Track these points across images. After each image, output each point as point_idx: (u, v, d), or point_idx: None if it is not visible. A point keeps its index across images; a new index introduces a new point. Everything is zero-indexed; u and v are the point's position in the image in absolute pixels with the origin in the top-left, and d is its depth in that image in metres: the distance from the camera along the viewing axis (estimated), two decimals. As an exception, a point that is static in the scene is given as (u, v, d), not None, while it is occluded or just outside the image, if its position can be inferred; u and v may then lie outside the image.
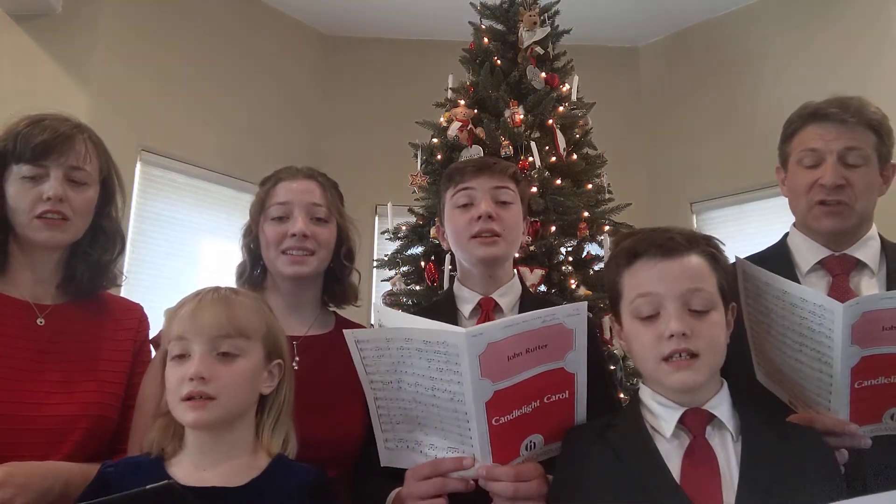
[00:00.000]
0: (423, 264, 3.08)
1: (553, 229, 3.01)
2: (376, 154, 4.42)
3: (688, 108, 4.65)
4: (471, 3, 3.55)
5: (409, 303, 3.04)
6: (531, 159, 3.02)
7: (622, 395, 2.40)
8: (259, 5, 4.52)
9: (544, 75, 3.29)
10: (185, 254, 3.95)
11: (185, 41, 4.10)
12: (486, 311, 1.48)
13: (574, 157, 3.22)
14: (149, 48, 3.91)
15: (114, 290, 1.49)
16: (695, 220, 4.50)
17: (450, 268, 2.83)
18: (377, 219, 4.40)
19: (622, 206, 3.24)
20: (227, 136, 4.16)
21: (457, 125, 3.15)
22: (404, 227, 3.23)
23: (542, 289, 2.88)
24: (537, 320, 1.13)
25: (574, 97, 3.36)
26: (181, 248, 3.94)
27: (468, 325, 1.48)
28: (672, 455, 1.07)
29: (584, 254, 3.16)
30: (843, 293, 1.40)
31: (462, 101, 3.28)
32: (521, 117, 3.12)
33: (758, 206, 4.15)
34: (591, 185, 3.21)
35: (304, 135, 4.59)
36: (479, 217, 1.45)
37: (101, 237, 1.42)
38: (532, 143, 3.08)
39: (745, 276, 1.28)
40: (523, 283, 1.58)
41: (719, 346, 1.11)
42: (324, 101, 4.75)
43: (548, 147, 3.16)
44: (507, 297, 1.50)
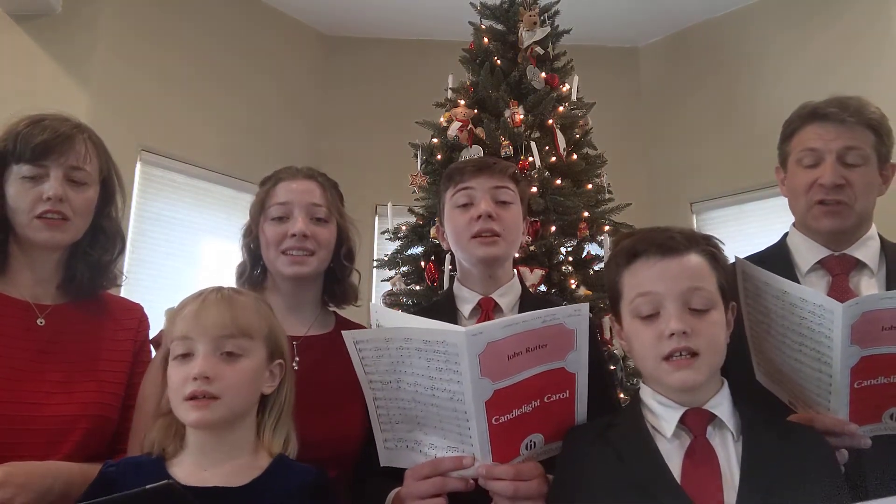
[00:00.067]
0: (423, 264, 3.08)
1: (553, 229, 3.01)
2: (376, 154, 4.42)
3: (688, 108, 4.65)
4: (471, 3, 3.55)
5: (409, 303, 3.04)
6: (531, 159, 3.02)
7: (622, 395, 2.40)
8: (259, 5, 4.52)
9: (544, 75, 3.29)
10: (185, 254, 3.95)
11: (185, 41, 4.10)
12: (486, 311, 1.48)
13: (574, 157, 3.22)
14: (149, 48, 3.91)
15: (114, 290, 1.49)
16: (695, 220, 4.50)
17: (450, 268, 2.83)
18: (377, 219, 4.40)
19: (622, 206, 3.24)
20: (227, 136, 4.16)
21: (457, 125, 3.15)
22: (404, 227, 3.24)
23: (542, 289, 2.88)
24: (537, 320, 1.13)
25: (574, 97, 3.36)
26: (181, 248, 3.94)
27: (468, 324, 1.47)
28: (673, 455, 1.07)
29: (584, 254, 3.16)
30: (843, 293, 1.40)
31: (462, 101, 3.28)
32: (521, 117, 3.12)
33: (758, 206, 4.15)
34: (591, 185, 3.21)
35: (304, 135, 4.59)
36: (478, 217, 1.45)
37: (102, 237, 1.42)
38: (532, 143, 3.08)
39: (744, 276, 1.28)
40: (523, 283, 1.58)
41: (719, 345, 1.11)
42: (324, 101, 4.75)
43: (548, 147, 3.16)
44: (506, 297, 1.50)
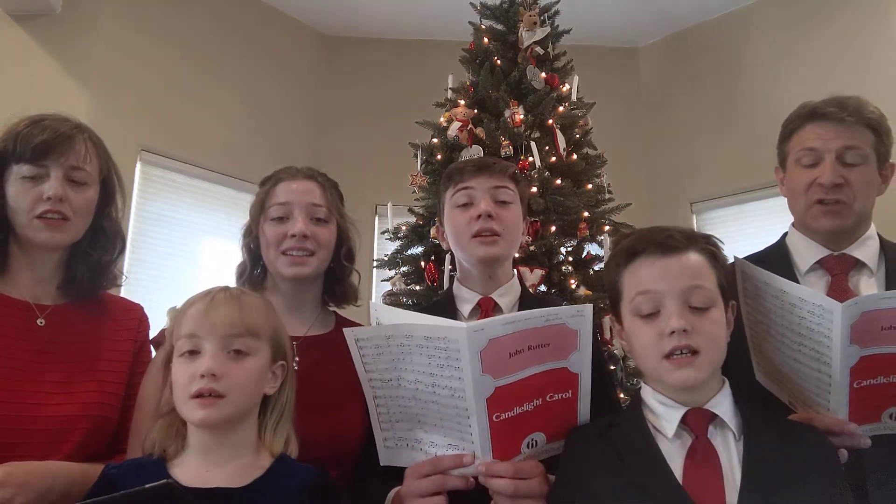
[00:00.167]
0: (423, 264, 3.08)
1: (553, 229, 3.01)
2: (376, 154, 4.42)
3: (688, 108, 4.65)
4: (471, 3, 3.56)
5: (409, 303, 3.04)
6: (531, 159, 3.03)
7: (622, 395, 2.40)
8: (259, 5, 4.52)
9: (544, 75, 3.29)
10: (185, 254, 3.95)
11: (185, 41, 4.10)
12: (486, 311, 1.48)
13: (574, 157, 3.22)
14: (149, 48, 3.91)
15: (114, 290, 1.49)
16: (695, 220, 4.50)
17: (450, 268, 2.83)
18: (377, 219, 4.40)
19: (622, 206, 3.24)
20: (227, 136, 4.16)
21: (457, 125, 3.15)
22: (404, 227, 3.24)
23: (542, 289, 2.89)
24: (540, 318, 1.13)
25: (574, 97, 3.36)
26: (181, 248, 3.94)
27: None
28: (674, 455, 1.07)
29: (584, 254, 3.16)
30: (842, 293, 1.40)
31: (462, 101, 3.28)
32: (521, 117, 3.12)
33: (758, 206, 4.15)
34: (591, 185, 3.21)
35: (305, 135, 4.59)
36: (478, 216, 1.45)
37: (102, 237, 1.42)
38: (532, 143, 3.08)
39: (743, 275, 1.28)
40: (523, 283, 1.58)
41: (720, 344, 1.11)
42: (324, 101, 4.75)
43: (548, 147, 3.16)
44: (506, 297, 1.50)
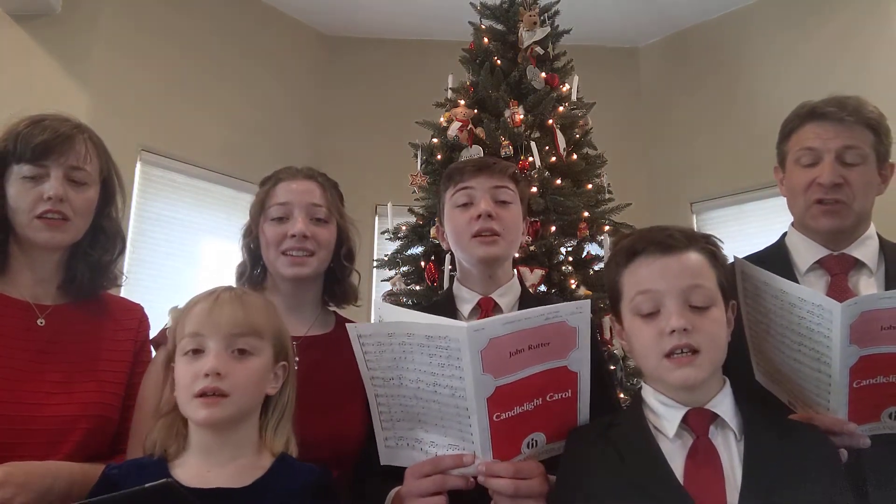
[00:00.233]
0: (423, 264, 3.08)
1: (553, 229, 3.01)
2: (376, 154, 4.42)
3: (688, 108, 4.65)
4: (471, 3, 3.56)
5: (409, 303, 3.04)
6: (531, 159, 3.03)
7: (622, 395, 2.40)
8: (259, 5, 4.52)
9: (544, 75, 3.29)
10: (185, 254, 3.95)
11: (185, 41, 4.10)
12: (486, 312, 1.48)
13: (574, 157, 3.22)
14: (149, 48, 3.91)
15: (114, 290, 1.49)
16: (695, 220, 4.50)
17: (450, 268, 2.83)
18: (377, 219, 4.40)
19: (622, 206, 3.24)
20: (227, 136, 4.16)
21: (457, 125, 3.15)
22: (404, 227, 3.24)
23: (542, 289, 2.89)
24: (540, 317, 1.13)
25: (574, 97, 3.36)
26: (181, 248, 3.94)
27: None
28: (675, 455, 1.07)
29: (584, 254, 3.16)
30: (842, 293, 1.40)
31: (462, 101, 3.28)
32: (521, 117, 3.12)
33: (758, 206, 4.14)
34: (591, 185, 3.21)
35: (305, 135, 4.59)
36: (478, 216, 1.45)
37: (102, 237, 1.43)
38: (532, 143, 3.08)
39: (743, 275, 1.28)
40: (523, 283, 1.58)
41: (720, 343, 1.11)
42: (324, 101, 4.75)
43: (548, 147, 3.16)
44: (506, 297, 1.50)
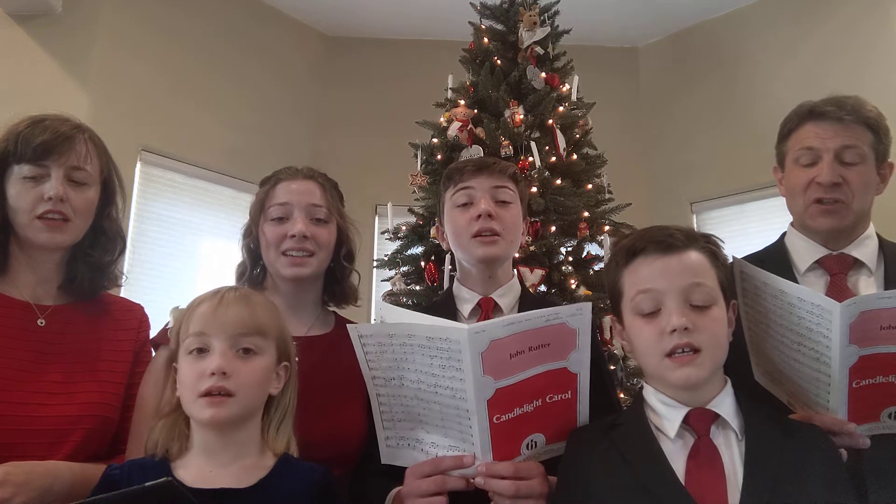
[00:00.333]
0: (423, 264, 3.08)
1: (553, 229, 3.01)
2: (376, 154, 4.41)
3: (688, 108, 4.64)
4: (471, 3, 3.55)
5: (410, 303, 3.04)
6: (531, 159, 3.02)
7: (622, 396, 2.40)
8: (260, 5, 4.52)
9: (544, 75, 3.29)
10: (185, 254, 3.95)
11: (185, 41, 4.10)
12: (486, 312, 1.48)
13: (574, 157, 3.22)
14: (149, 48, 3.91)
15: (114, 290, 1.50)
16: (695, 220, 4.49)
17: (450, 268, 2.83)
18: (377, 219, 4.40)
19: (622, 206, 3.24)
20: (227, 136, 4.16)
21: (457, 125, 3.14)
22: (404, 227, 3.23)
23: (542, 289, 2.88)
24: (540, 319, 1.13)
25: (574, 97, 3.36)
26: (181, 248, 3.94)
27: (469, 324, 1.48)
28: (676, 456, 1.07)
29: (584, 254, 3.15)
30: (841, 292, 1.40)
31: (462, 101, 3.28)
32: (521, 117, 3.12)
33: (758, 206, 4.14)
34: (591, 185, 3.21)
35: (305, 135, 4.59)
36: (478, 216, 1.45)
37: (102, 238, 1.43)
38: (532, 143, 3.08)
39: (742, 275, 1.28)
40: (523, 283, 1.58)
41: (721, 342, 1.11)
42: (324, 101, 4.75)
43: (548, 147, 3.15)
44: (506, 297, 1.50)
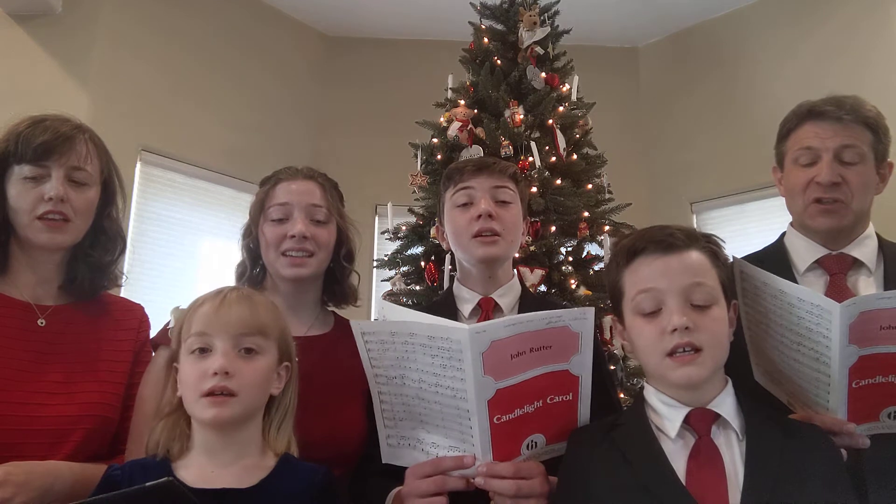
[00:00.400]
0: (423, 264, 3.07)
1: (553, 229, 3.01)
2: (376, 154, 4.41)
3: (688, 107, 4.64)
4: (471, 3, 3.55)
5: (410, 303, 3.04)
6: (531, 159, 3.02)
7: (622, 396, 2.40)
8: (260, 5, 4.52)
9: (544, 75, 3.29)
10: (185, 254, 3.95)
11: (185, 41, 4.10)
12: (486, 312, 1.48)
13: (574, 157, 3.22)
14: (149, 48, 3.91)
15: (114, 290, 1.50)
16: (695, 220, 4.49)
17: (450, 268, 2.83)
18: (377, 219, 4.40)
19: (622, 206, 3.24)
20: (227, 136, 4.16)
21: (457, 125, 3.14)
22: (404, 227, 3.23)
23: (542, 289, 2.88)
24: (542, 321, 1.13)
25: (574, 97, 3.36)
26: (181, 248, 3.94)
27: (469, 324, 1.48)
28: (677, 456, 1.07)
29: (584, 254, 3.15)
30: (841, 292, 1.40)
31: (462, 101, 3.28)
32: (521, 117, 3.12)
33: (758, 206, 4.14)
34: (591, 185, 3.21)
35: (305, 135, 4.59)
36: (478, 216, 1.45)
37: (103, 238, 1.43)
38: (532, 143, 3.08)
39: (742, 275, 1.28)
40: (523, 283, 1.58)
41: (722, 341, 1.11)
42: (324, 101, 4.75)
43: (548, 147, 3.15)
44: (506, 297, 1.50)
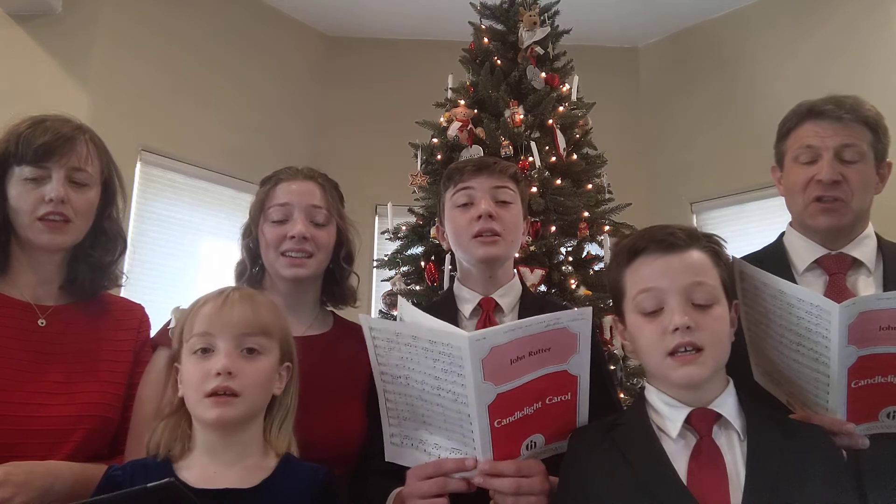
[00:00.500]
0: (423, 264, 3.07)
1: (553, 229, 3.01)
2: (376, 154, 4.41)
3: (688, 107, 4.64)
4: (471, 3, 3.55)
5: (409, 303, 3.03)
6: (531, 159, 3.02)
7: (622, 396, 2.40)
8: (260, 5, 4.52)
9: (544, 75, 3.29)
10: (185, 254, 3.95)
11: (185, 41, 4.10)
12: (487, 312, 1.48)
13: (574, 157, 3.22)
14: (149, 48, 3.91)
15: (114, 290, 1.50)
16: (695, 220, 4.49)
17: (450, 268, 2.83)
18: (377, 219, 4.40)
19: (622, 206, 3.24)
20: (227, 136, 4.16)
21: (457, 125, 3.14)
22: (404, 227, 3.23)
23: (542, 289, 2.89)
24: (541, 324, 1.13)
25: (574, 97, 3.35)
26: (181, 248, 3.93)
27: (469, 325, 1.48)
28: (678, 456, 1.07)
29: (584, 254, 3.15)
30: (840, 292, 1.40)
31: (462, 101, 3.27)
32: (521, 117, 3.12)
33: (758, 206, 4.14)
34: (591, 185, 3.21)
35: (305, 135, 4.59)
36: (479, 217, 1.45)
37: (103, 238, 1.43)
38: (532, 143, 3.08)
39: (742, 275, 1.28)
40: (523, 283, 1.58)
41: (723, 341, 1.11)
42: (324, 101, 4.75)
43: (548, 147, 3.15)
44: (507, 297, 1.50)
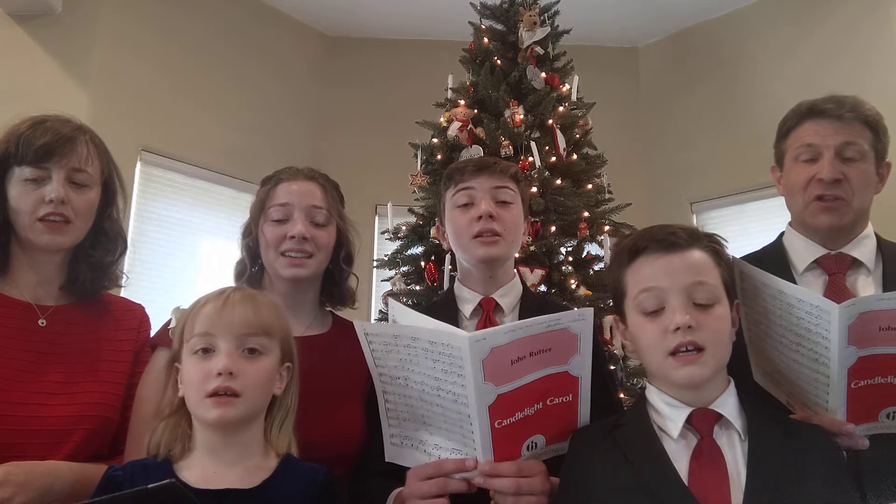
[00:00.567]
0: (423, 264, 3.08)
1: (553, 229, 3.01)
2: (376, 154, 4.41)
3: (688, 107, 4.64)
4: (471, 3, 3.55)
5: (410, 303, 3.04)
6: (531, 159, 3.02)
7: (622, 396, 2.40)
8: (260, 5, 4.52)
9: (544, 75, 3.29)
10: (185, 254, 3.95)
11: (185, 41, 4.10)
12: (487, 312, 1.48)
13: (574, 157, 3.22)
14: (149, 48, 3.91)
15: (114, 290, 1.50)
16: (695, 220, 4.49)
17: (450, 268, 2.83)
18: (377, 219, 4.40)
19: (622, 206, 3.24)
20: (227, 136, 4.16)
21: (457, 125, 3.14)
22: (404, 227, 3.23)
23: (543, 289, 2.89)
24: (541, 325, 1.13)
25: (574, 97, 3.35)
26: (181, 248, 3.93)
27: (469, 325, 1.48)
28: (679, 456, 1.07)
29: (584, 254, 3.15)
30: (840, 293, 1.40)
31: (462, 101, 3.27)
32: (521, 117, 3.12)
33: (758, 206, 4.14)
34: (591, 185, 3.21)
35: (305, 135, 4.59)
36: (479, 217, 1.45)
37: (103, 239, 1.43)
38: (532, 143, 3.08)
39: (742, 276, 1.27)
40: (524, 283, 1.58)
41: (725, 340, 1.11)
42: (324, 101, 4.75)
43: (548, 147, 3.15)
44: (507, 297, 1.50)
